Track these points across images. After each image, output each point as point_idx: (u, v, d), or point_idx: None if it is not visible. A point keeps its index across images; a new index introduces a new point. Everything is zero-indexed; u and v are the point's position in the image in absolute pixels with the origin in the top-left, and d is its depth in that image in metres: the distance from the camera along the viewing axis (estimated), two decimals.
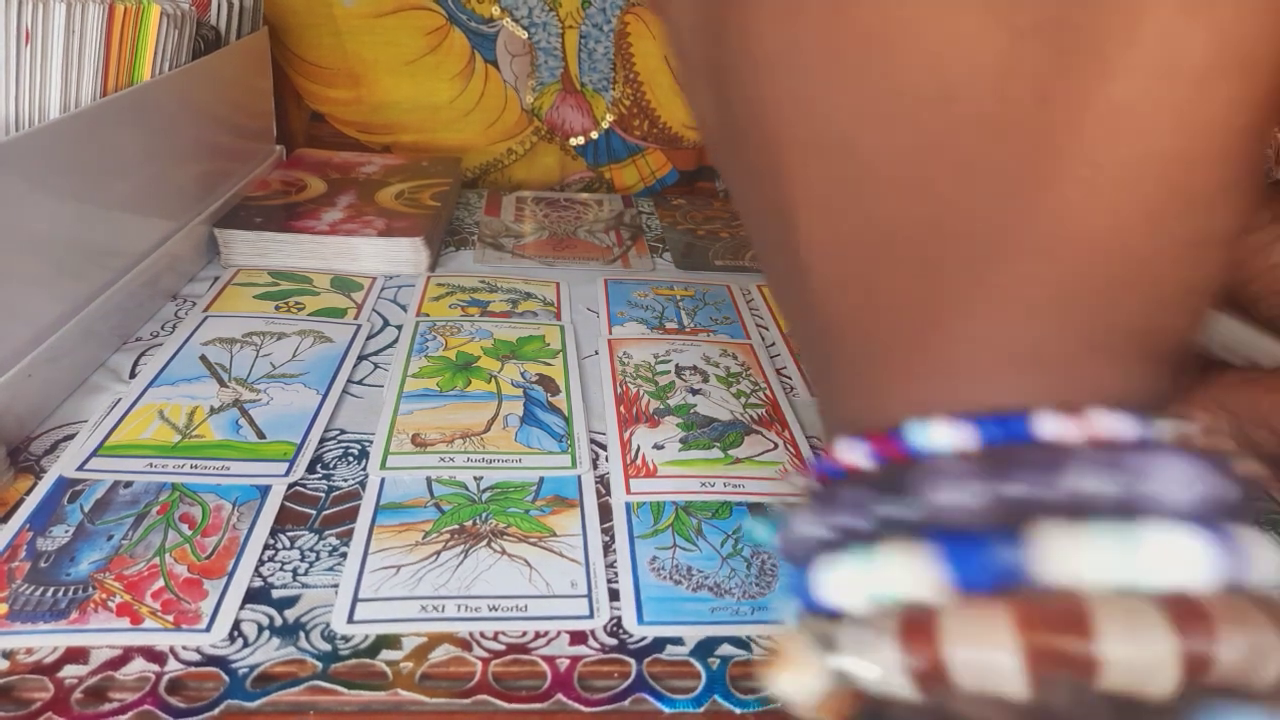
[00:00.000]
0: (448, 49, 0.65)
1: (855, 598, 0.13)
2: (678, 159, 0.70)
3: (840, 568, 0.13)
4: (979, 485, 0.12)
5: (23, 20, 0.39)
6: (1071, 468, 0.12)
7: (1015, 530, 0.12)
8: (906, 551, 0.12)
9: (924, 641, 0.11)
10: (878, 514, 0.13)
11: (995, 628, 0.11)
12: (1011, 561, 0.11)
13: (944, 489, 0.12)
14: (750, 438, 0.38)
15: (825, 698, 0.13)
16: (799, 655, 0.13)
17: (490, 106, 0.67)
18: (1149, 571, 0.11)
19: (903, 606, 0.12)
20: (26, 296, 0.35)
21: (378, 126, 0.67)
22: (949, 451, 0.13)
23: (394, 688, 0.25)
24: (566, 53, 0.66)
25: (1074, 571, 0.11)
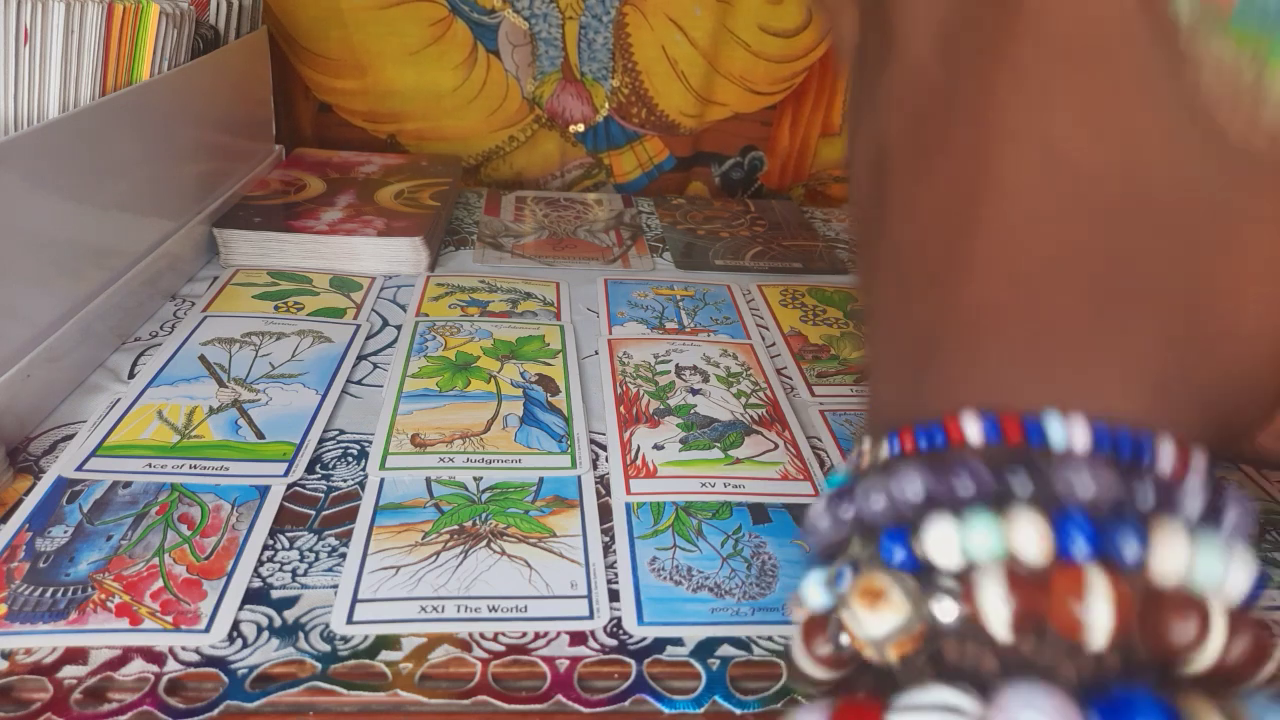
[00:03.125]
0: (451, 39, 0.66)
1: (955, 554, 0.15)
2: (675, 145, 0.72)
3: (953, 525, 0.15)
4: (1103, 481, 0.14)
5: (22, 20, 0.39)
6: (1185, 492, 0.14)
7: (1135, 522, 0.14)
8: (1032, 519, 0.14)
9: (1032, 590, 0.14)
10: (998, 482, 0.15)
11: (1100, 590, 0.13)
12: (1126, 546, 0.14)
13: (1079, 476, 0.14)
14: (750, 438, 0.37)
15: (898, 637, 0.15)
16: (895, 595, 0.15)
17: (492, 95, 0.69)
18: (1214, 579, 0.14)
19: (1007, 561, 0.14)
20: (25, 296, 0.35)
21: (383, 115, 0.69)
22: (1079, 449, 0.15)
23: (393, 688, 0.25)
24: (566, 43, 0.67)
25: (1170, 566, 0.14)
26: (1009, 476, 0.15)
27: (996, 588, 0.14)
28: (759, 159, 0.73)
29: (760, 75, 0.69)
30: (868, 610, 0.15)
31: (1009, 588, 0.14)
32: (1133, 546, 0.14)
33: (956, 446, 0.16)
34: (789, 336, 0.47)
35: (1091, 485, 0.14)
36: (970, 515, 0.15)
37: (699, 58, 0.68)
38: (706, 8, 0.66)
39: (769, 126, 0.72)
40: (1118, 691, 0.13)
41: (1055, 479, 0.14)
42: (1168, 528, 0.14)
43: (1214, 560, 0.14)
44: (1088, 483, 0.14)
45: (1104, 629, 0.13)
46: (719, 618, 0.28)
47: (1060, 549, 0.14)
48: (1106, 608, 0.13)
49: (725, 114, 0.71)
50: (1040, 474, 0.14)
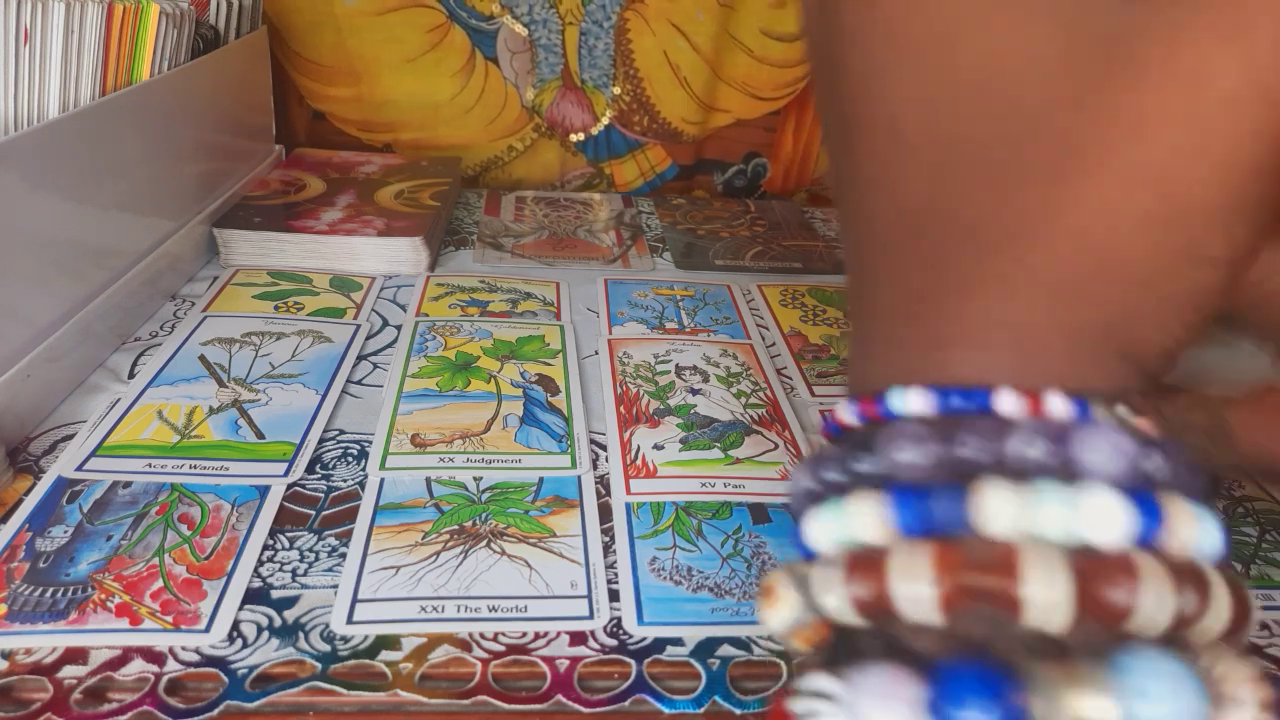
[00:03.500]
0: (448, 46, 0.65)
1: (827, 542, 0.15)
2: (677, 153, 0.71)
3: (818, 516, 0.15)
4: (931, 446, 0.14)
5: (22, 19, 0.39)
6: (1014, 436, 0.13)
7: (957, 486, 0.13)
8: (865, 501, 0.14)
9: (867, 576, 0.14)
10: (851, 469, 0.15)
11: (920, 565, 0.13)
12: (950, 512, 0.13)
13: (902, 448, 0.14)
14: (750, 438, 0.37)
15: (802, 628, 0.15)
16: (783, 592, 0.15)
17: (491, 103, 0.67)
18: (1076, 528, 0.13)
19: (862, 547, 0.14)
20: (25, 296, 0.35)
21: (378, 124, 0.68)
22: (913, 415, 0.14)
23: (393, 688, 0.25)
24: (566, 49, 0.66)
25: (1012, 524, 0.13)
26: (854, 461, 0.15)
27: (834, 575, 0.14)
28: (762, 165, 0.72)
29: (763, 80, 0.68)
30: (765, 606, 0.15)
31: (851, 572, 0.14)
32: (947, 510, 0.13)
33: (844, 435, 0.16)
34: (789, 336, 0.47)
35: (912, 453, 0.14)
36: (826, 503, 0.15)
37: (702, 63, 0.67)
38: (709, 12, 0.65)
39: (772, 132, 0.71)
40: (952, 666, 0.12)
41: (890, 454, 0.14)
42: (985, 482, 0.13)
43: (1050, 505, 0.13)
44: (909, 452, 0.14)
45: (926, 602, 0.13)
46: (719, 618, 0.28)
47: (898, 526, 0.14)
48: (922, 582, 0.13)
49: (728, 120, 0.70)
50: (878, 451, 0.14)
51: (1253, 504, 0.36)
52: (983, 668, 0.12)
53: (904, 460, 0.14)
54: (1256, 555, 0.33)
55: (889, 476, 0.14)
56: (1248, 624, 0.13)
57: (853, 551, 0.14)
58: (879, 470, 0.14)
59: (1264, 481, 0.37)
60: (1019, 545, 0.13)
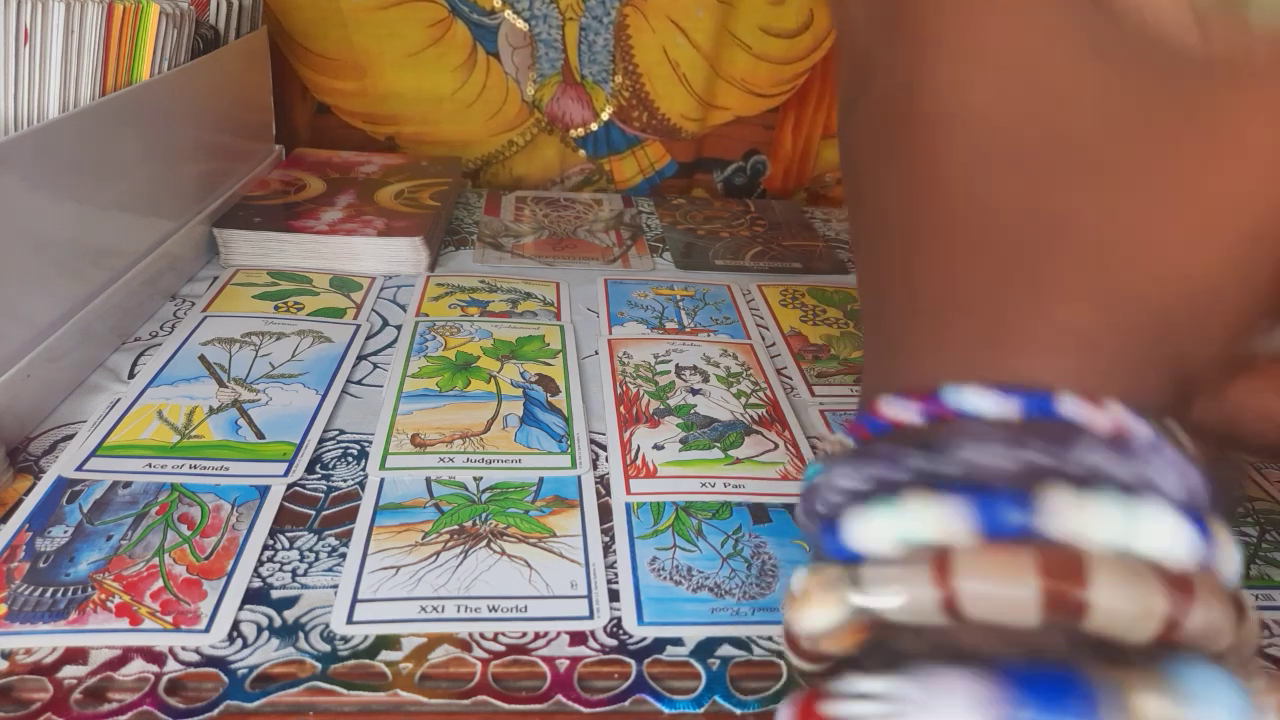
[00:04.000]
0: (450, 41, 0.66)
1: (884, 541, 0.14)
2: (676, 150, 0.71)
3: (874, 515, 0.14)
4: (1008, 449, 0.14)
5: (22, 20, 0.39)
6: (1086, 446, 0.13)
7: (1034, 491, 0.13)
8: (939, 501, 0.14)
9: (949, 575, 0.13)
10: (913, 467, 0.14)
11: (1020, 568, 0.13)
12: (1028, 517, 0.13)
13: (978, 450, 0.14)
14: (750, 438, 0.37)
15: (838, 632, 0.15)
16: (822, 594, 0.15)
17: (492, 98, 0.68)
18: (1141, 541, 0.13)
19: (929, 547, 0.14)
20: (25, 296, 0.35)
21: (382, 117, 0.68)
22: (985, 416, 0.14)
23: (393, 688, 0.25)
24: (567, 45, 0.67)
25: (1080, 531, 0.13)
26: (918, 459, 0.14)
27: (894, 574, 0.14)
28: (761, 163, 0.73)
29: (762, 77, 0.69)
30: (801, 608, 0.15)
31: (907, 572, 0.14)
32: (1020, 515, 0.13)
33: (891, 431, 0.15)
34: (789, 336, 0.47)
35: (986, 455, 0.14)
36: (889, 502, 0.14)
37: (700, 60, 0.67)
38: (708, 9, 0.65)
39: (771, 130, 0.71)
40: (1034, 672, 0.12)
41: (965, 454, 0.14)
42: (1061, 491, 0.13)
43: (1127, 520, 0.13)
44: (982, 453, 0.14)
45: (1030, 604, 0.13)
46: (719, 618, 0.28)
47: (984, 527, 0.14)
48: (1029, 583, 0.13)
49: (727, 118, 0.70)
50: (948, 450, 0.14)
51: (1253, 504, 0.36)
52: (1057, 672, 0.12)
53: (983, 462, 0.14)
54: (1256, 555, 0.33)
55: (963, 477, 0.14)
56: (1257, 644, 0.14)
57: (932, 550, 0.14)
58: (951, 470, 0.14)
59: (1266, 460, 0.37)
60: (1101, 556, 0.13)
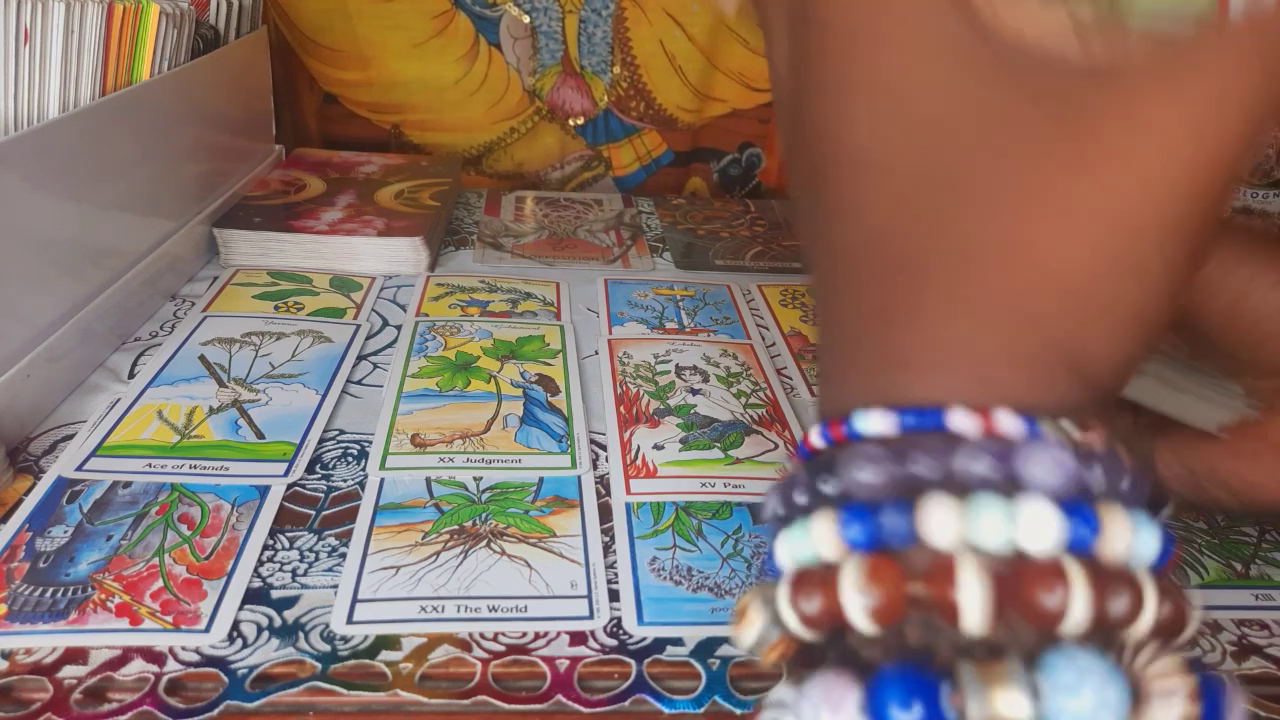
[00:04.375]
0: (453, 32, 0.67)
1: (789, 560, 0.16)
2: (673, 140, 0.72)
3: (783, 537, 0.16)
4: (885, 466, 0.15)
5: (22, 20, 0.39)
6: (961, 453, 0.14)
7: (906, 502, 0.14)
8: (824, 520, 0.15)
9: (815, 591, 0.14)
10: (816, 490, 0.15)
11: (862, 577, 0.14)
12: (898, 527, 0.14)
13: (860, 468, 0.15)
14: (750, 438, 0.37)
15: (772, 645, 0.16)
16: (752, 612, 0.16)
17: (493, 88, 0.69)
18: (1016, 537, 0.14)
19: (822, 563, 0.15)
20: (25, 296, 0.35)
21: (387, 106, 0.70)
22: (871, 436, 0.15)
23: (393, 688, 0.25)
24: (566, 36, 0.68)
25: (946, 536, 0.14)
26: (818, 483, 0.15)
27: (783, 593, 0.15)
28: (756, 156, 0.73)
29: (758, 72, 0.69)
30: (737, 624, 0.16)
31: (799, 589, 0.15)
32: (894, 524, 0.14)
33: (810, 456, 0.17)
34: (789, 336, 0.47)
35: (869, 472, 0.15)
36: (792, 525, 0.16)
37: (697, 53, 0.68)
38: (704, 3, 0.66)
39: (766, 124, 0.72)
40: (884, 670, 0.13)
41: (848, 475, 0.15)
42: (929, 498, 0.14)
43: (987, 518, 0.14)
44: (866, 471, 0.15)
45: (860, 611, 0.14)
46: (719, 618, 0.28)
47: (847, 543, 0.14)
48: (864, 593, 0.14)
49: (724, 110, 0.71)
50: (838, 473, 0.15)
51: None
52: (914, 670, 0.13)
53: (861, 479, 0.15)
54: (1256, 555, 0.33)
55: (847, 496, 0.15)
56: (1184, 625, 0.14)
57: (803, 568, 0.15)
58: (839, 490, 0.15)
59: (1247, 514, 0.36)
60: (953, 554, 0.14)
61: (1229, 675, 0.13)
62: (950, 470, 0.14)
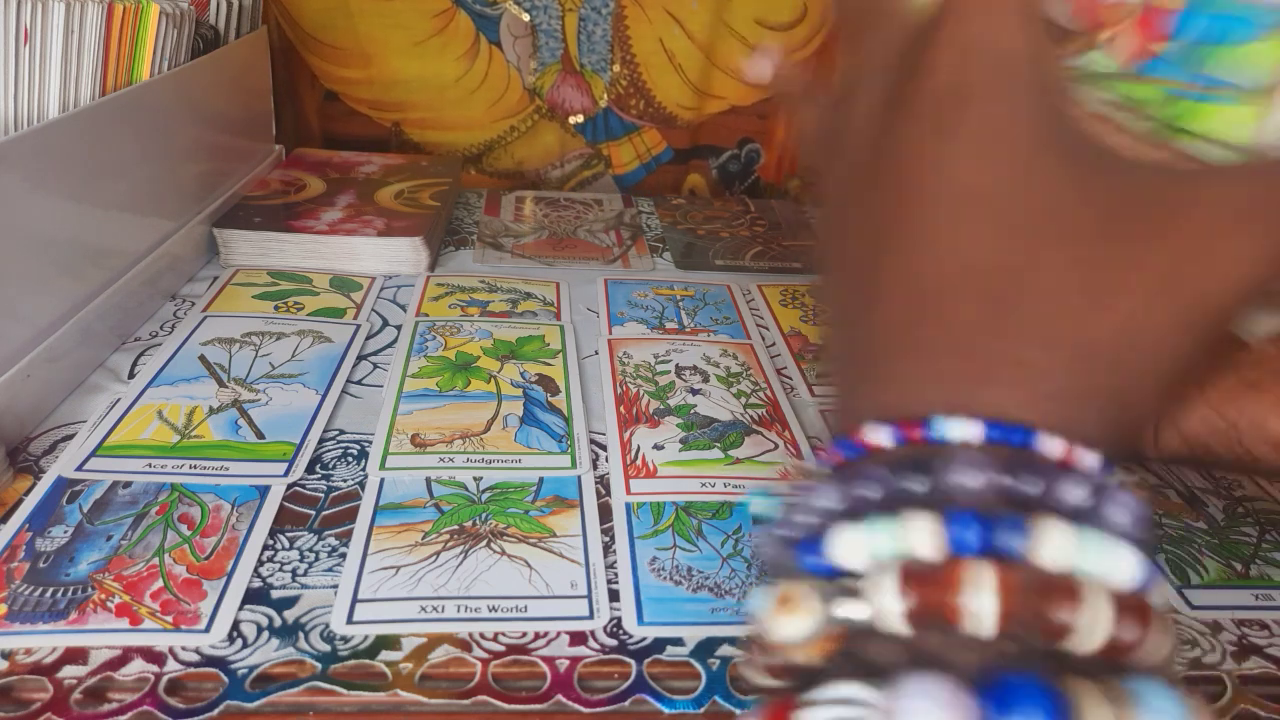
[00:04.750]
0: (453, 31, 0.68)
1: (868, 556, 0.16)
2: (672, 137, 0.73)
3: (857, 531, 0.16)
4: (990, 475, 0.15)
5: (22, 20, 0.39)
6: (1066, 481, 0.15)
7: (1018, 515, 0.15)
8: (923, 519, 0.15)
9: (929, 587, 0.15)
10: (896, 487, 0.16)
11: (990, 581, 0.14)
12: (1009, 539, 0.15)
13: (964, 473, 0.15)
14: (750, 438, 0.37)
15: (812, 639, 0.16)
16: (805, 603, 0.16)
17: (494, 86, 0.70)
18: (1104, 569, 0.14)
19: (909, 560, 0.15)
20: (25, 296, 0.35)
21: (388, 104, 0.70)
22: (968, 443, 0.16)
23: (393, 688, 0.25)
24: (566, 35, 0.68)
25: (1054, 555, 0.14)
26: (904, 481, 0.16)
27: (890, 586, 0.15)
28: (755, 151, 0.74)
29: None
30: (780, 616, 0.16)
31: (901, 585, 0.15)
32: (1013, 538, 0.15)
33: (872, 456, 0.17)
34: (789, 336, 0.47)
35: (979, 480, 0.15)
36: (871, 520, 0.16)
37: (696, 51, 0.69)
38: (703, 1, 0.66)
39: (765, 120, 0.72)
40: (1007, 678, 0.13)
41: (946, 477, 0.15)
42: (1049, 519, 0.15)
43: (1096, 551, 0.14)
44: (976, 477, 0.15)
45: (989, 616, 0.14)
46: (719, 618, 0.28)
47: (952, 544, 0.15)
48: (990, 597, 0.14)
49: (722, 107, 0.72)
50: (933, 474, 0.15)
51: (1253, 504, 0.36)
52: (1035, 681, 0.13)
53: (969, 485, 0.15)
54: (1256, 555, 0.33)
55: (946, 498, 0.15)
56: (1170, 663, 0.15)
57: (909, 564, 0.15)
58: (935, 491, 0.15)
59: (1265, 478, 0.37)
60: (1069, 575, 0.14)
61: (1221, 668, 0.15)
62: (1054, 493, 0.15)
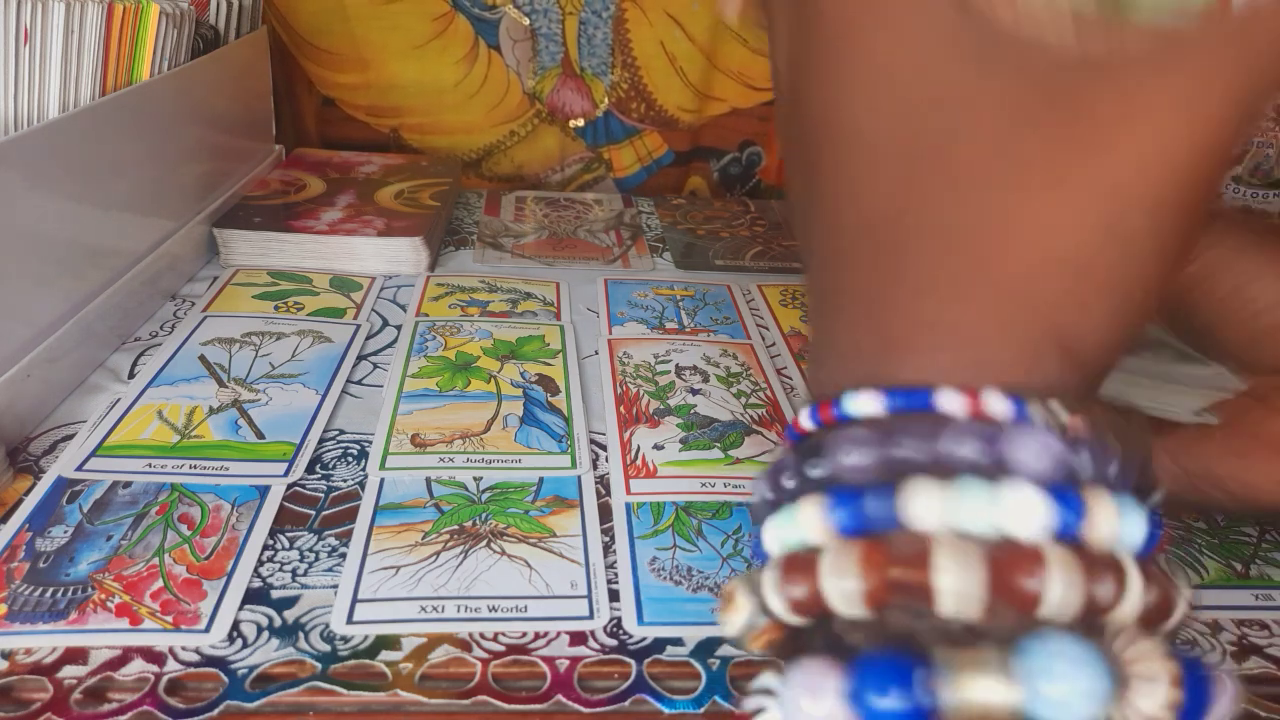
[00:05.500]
0: (452, 35, 0.67)
1: (776, 546, 0.15)
2: (673, 140, 0.72)
3: (771, 523, 0.16)
4: (872, 448, 0.14)
5: (22, 19, 0.39)
6: (947, 435, 0.14)
7: (889, 485, 0.14)
8: (810, 505, 0.15)
9: (800, 576, 0.14)
10: (804, 474, 0.15)
11: (846, 562, 0.14)
12: (882, 510, 0.14)
13: (847, 451, 0.15)
14: (750, 438, 0.37)
15: (758, 631, 0.16)
16: (739, 598, 0.16)
17: (493, 90, 0.69)
18: (1001, 520, 0.13)
19: (807, 548, 0.15)
20: (25, 296, 0.35)
21: (386, 110, 0.70)
22: (859, 417, 0.15)
23: (393, 688, 0.25)
24: (566, 38, 0.68)
25: (930, 520, 0.14)
26: (806, 467, 0.15)
27: (770, 580, 0.15)
28: (757, 154, 0.74)
29: (758, 71, 0.69)
30: (723, 613, 0.16)
31: (786, 574, 0.15)
32: (878, 509, 0.14)
33: (795, 443, 0.17)
34: (789, 336, 0.47)
35: (857, 456, 0.15)
36: (780, 511, 0.16)
37: (697, 53, 0.68)
38: (704, 3, 0.66)
39: (767, 121, 0.72)
40: (868, 655, 0.13)
41: (835, 458, 0.15)
42: (912, 483, 0.14)
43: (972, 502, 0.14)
44: (854, 455, 0.15)
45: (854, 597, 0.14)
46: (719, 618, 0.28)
47: (835, 527, 0.14)
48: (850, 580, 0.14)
49: (724, 109, 0.71)
50: (827, 456, 0.15)
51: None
52: (895, 656, 0.13)
53: (848, 462, 0.15)
54: (1256, 555, 0.33)
55: (835, 480, 0.15)
56: (1171, 611, 0.14)
57: (789, 554, 0.15)
58: (826, 474, 0.15)
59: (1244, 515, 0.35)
60: (934, 539, 0.13)
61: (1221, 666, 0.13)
62: (936, 453, 0.14)
